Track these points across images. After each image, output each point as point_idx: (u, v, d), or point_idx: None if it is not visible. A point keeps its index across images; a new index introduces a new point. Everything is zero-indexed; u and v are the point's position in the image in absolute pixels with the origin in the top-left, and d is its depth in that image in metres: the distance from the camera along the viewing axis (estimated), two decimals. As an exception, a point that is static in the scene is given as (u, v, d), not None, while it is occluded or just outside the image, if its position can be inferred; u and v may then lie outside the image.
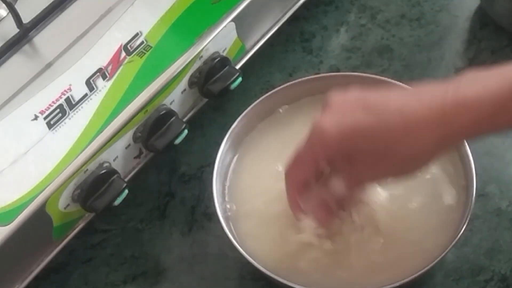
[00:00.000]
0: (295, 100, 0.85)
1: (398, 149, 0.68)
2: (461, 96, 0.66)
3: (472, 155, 0.78)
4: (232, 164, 0.82)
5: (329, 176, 0.73)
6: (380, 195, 0.78)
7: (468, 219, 0.74)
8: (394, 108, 0.68)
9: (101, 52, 0.81)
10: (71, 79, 0.79)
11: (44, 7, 0.84)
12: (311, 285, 0.74)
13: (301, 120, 0.84)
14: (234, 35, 0.86)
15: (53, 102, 0.78)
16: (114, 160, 0.79)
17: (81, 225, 0.80)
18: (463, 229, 0.74)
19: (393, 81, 0.84)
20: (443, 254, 0.73)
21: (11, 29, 0.82)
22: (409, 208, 0.78)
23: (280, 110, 0.85)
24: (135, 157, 0.83)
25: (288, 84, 0.85)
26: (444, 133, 0.67)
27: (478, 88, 0.66)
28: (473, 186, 0.76)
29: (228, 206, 0.80)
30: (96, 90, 0.79)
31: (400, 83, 0.82)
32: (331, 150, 0.70)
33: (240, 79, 0.86)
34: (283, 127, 0.84)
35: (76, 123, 0.77)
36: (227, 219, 0.78)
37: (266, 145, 0.84)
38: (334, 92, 0.72)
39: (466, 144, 0.78)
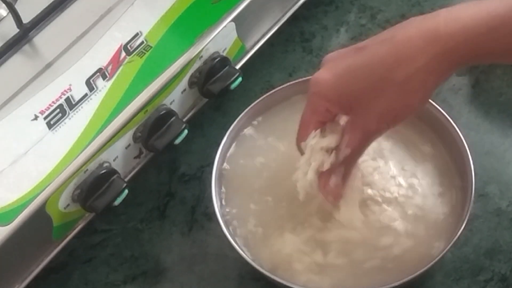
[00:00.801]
0: (295, 99, 0.85)
1: (393, 76, 0.66)
2: (453, 16, 0.65)
3: (472, 155, 0.77)
4: (232, 164, 0.82)
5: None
6: (380, 193, 0.78)
7: (467, 219, 0.74)
8: (385, 38, 0.67)
9: (101, 52, 0.81)
10: (71, 79, 0.79)
11: (44, 7, 0.84)
12: (310, 285, 0.74)
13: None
14: (234, 35, 0.86)
15: (53, 102, 0.78)
16: (114, 160, 0.80)
17: (81, 225, 0.80)
18: (462, 228, 0.74)
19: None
20: (443, 253, 0.73)
21: (11, 29, 0.82)
22: (409, 207, 0.78)
23: (282, 109, 0.85)
24: (135, 157, 0.83)
25: (288, 84, 0.85)
26: (438, 51, 0.65)
27: (472, 9, 0.65)
28: (472, 186, 0.76)
29: (227, 206, 0.80)
30: (96, 90, 0.79)
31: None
32: (330, 98, 0.69)
33: (240, 79, 0.86)
34: (283, 127, 0.84)
35: (76, 123, 0.77)
36: (226, 219, 0.78)
37: (266, 145, 0.84)
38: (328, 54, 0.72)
39: (466, 144, 0.78)
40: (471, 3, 0.66)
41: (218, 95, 0.85)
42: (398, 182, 0.79)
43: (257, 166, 0.82)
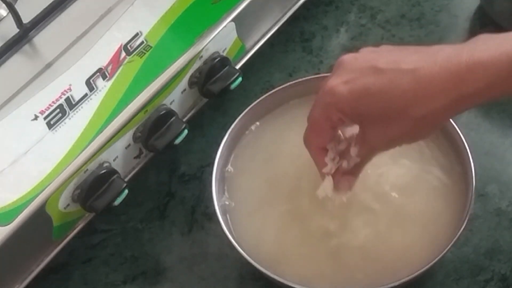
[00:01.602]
0: (294, 99, 0.85)
1: (410, 111, 0.67)
2: (476, 56, 0.65)
3: (472, 155, 0.77)
4: (232, 164, 0.82)
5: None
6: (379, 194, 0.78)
7: (467, 219, 0.74)
8: (406, 69, 0.67)
9: (101, 52, 0.81)
10: (71, 79, 0.79)
11: (44, 7, 0.84)
12: (310, 285, 0.74)
13: (301, 119, 0.84)
14: (234, 35, 0.86)
15: (53, 102, 0.78)
16: (114, 160, 0.79)
17: (81, 225, 0.80)
18: (462, 228, 0.74)
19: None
20: (443, 253, 0.73)
21: (11, 29, 0.82)
22: (408, 207, 0.78)
23: (282, 109, 0.85)
24: (135, 157, 0.83)
25: (288, 84, 0.85)
26: (459, 94, 0.65)
27: (493, 49, 0.65)
28: (472, 186, 0.76)
29: (227, 206, 0.80)
30: (96, 90, 0.79)
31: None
32: (346, 112, 0.69)
33: (240, 79, 0.86)
34: (283, 126, 0.84)
35: (76, 123, 0.77)
36: (226, 219, 0.78)
37: (266, 144, 0.84)
38: (345, 55, 0.71)
39: (466, 144, 0.78)
40: (490, 42, 0.67)
41: (218, 95, 0.85)
42: (398, 182, 0.79)
43: (258, 166, 0.82)
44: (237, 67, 0.87)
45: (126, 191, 0.79)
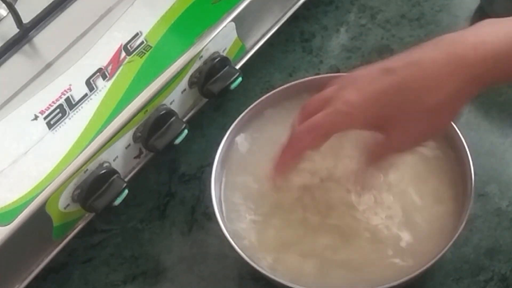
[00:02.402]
0: (295, 99, 0.85)
1: (424, 102, 0.66)
2: (481, 37, 0.65)
3: (472, 155, 0.77)
4: (232, 164, 0.82)
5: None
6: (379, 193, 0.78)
7: (466, 219, 0.74)
8: (411, 62, 0.67)
9: (101, 52, 0.81)
10: (71, 79, 0.79)
11: (44, 7, 0.84)
12: (310, 285, 0.74)
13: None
14: (234, 35, 0.86)
15: (53, 102, 0.78)
16: (114, 160, 0.80)
17: (81, 225, 0.80)
18: (461, 228, 0.74)
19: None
20: (442, 253, 0.73)
21: (11, 29, 0.82)
22: (408, 208, 0.78)
23: (282, 109, 0.85)
24: (135, 157, 0.83)
25: (288, 84, 0.85)
26: (468, 77, 0.65)
27: (499, 31, 0.65)
28: (472, 186, 0.76)
29: (227, 206, 0.80)
30: (96, 90, 0.79)
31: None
32: (359, 120, 0.69)
33: (240, 79, 0.86)
34: (283, 126, 0.84)
35: (76, 123, 0.77)
36: (226, 219, 0.78)
37: (266, 144, 0.84)
38: (355, 70, 0.71)
39: (466, 144, 0.78)
40: (495, 24, 0.67)
41: (218, 95, 0.85)
42: (398, 183, 0.79)
43: (259, 166, 0.82)
44: (237, 67, 0.87)
45: (126, 191, 0.79)
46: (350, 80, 0.70)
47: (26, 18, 0.83)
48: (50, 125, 0.77)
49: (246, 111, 0.83)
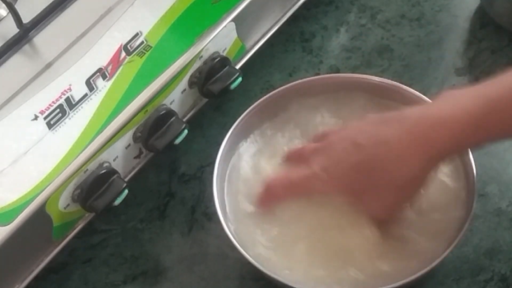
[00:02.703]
0: (295, 100, 0.85)
1: (391, 179, 0.72)
2: (438, 116, 0.70)
3: (472, 155, 0.77)
4: (232, 164, 0.82)
5: None
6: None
7: (470, 220, 0.74)
8: (381, 141, 0.72)
9: (101, 52, 0.81)
10: (71, 79, 0.79)
11: (44, 7, 0.84)
12: (310, 285, 0.74)
13: (301, 119, 0.84)
14: (234, 35, 0.86)
15: (53, 102, 0.78)
16: (114, 160, 0.79)
17: (81, 225, 0.80)
18: (464, 229, 0.74)
19: (394, 82, 0.84)
20: (444, 254, 0.73)
21: (11, 29, 0.82)
22: (409, 208, 0.78)
23: (282, 109, 0.85)
24: (135, 157, 0.83)
25: (288, 84, 0.85)
26: (427, 153, 0.70)
27: (453, 107, 0.70)
28: (473, 187, 0.76)
29: (228, 206, 0.80)
30: (96, 90, 0.79)
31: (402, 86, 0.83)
32: (333, 189, 0.74)
33: (240, 79, 0.86)
34: (283, 126, 0.84)
35: (76, 123, 0.77)
36: (227, 219, 0.78)
37: (266, 144, 0.84)
38: (329, 131, 0.77)
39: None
40: (451, 98, 0.71)
41: (218, 95, 0.85)
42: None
43: (259, 166, 0.82)
44: (237, 67, 0.87)
45: (126, 191, 0.79)
46: (325, 152, 0.75)
47: (26, 18, 0.83)
48: (50, 125, 0.77)
49: (246, 111, 0.83)
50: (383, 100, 0.83)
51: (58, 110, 0.77)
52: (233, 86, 0.85)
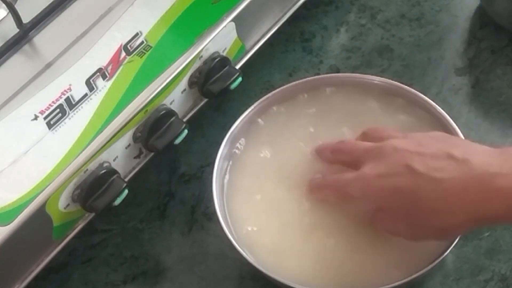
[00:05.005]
0: (295, 99, 0.85)
1: (432, 220, 0.69)
2: (502, 184, 0.66)
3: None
4: (232, 164, 0.82)
5: None
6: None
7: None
8: (436, 178, 0.69)
9: (101, 52, 0.81)
10: (71, 79, 0.79)
11: (44, 7, 0.84)
12: (310, 285, 0.74)
13: (302, 118, 0.84)
14: (234, 35, 0.86)
15: (53, 102, 0.78)
16: (114, 160, 0.79)
17: (81, 225, 0.80)
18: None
19: (393, 82, 0.84)
20: (444, 255, 0.73)
21: (11, 29, 0.82)
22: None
23: (281, 109, 0.85)
24: (135, 157, 0.83)
25: (288, 84, 0.85)
26: (477, 216, 0.68)
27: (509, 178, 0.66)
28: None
29: (227, 206, 0.80)
30: (96, 90, 0.79)
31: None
32: (368, 197, 0.73)
33: (240, 79, 0.86)
34: (284, 126, 0.84)
35: (76, 123, 0.77)
36: (226, 219, 0.78)
37: (266, 144, 0.84)
38: (388, 143, 0.73)
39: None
40: (505, 163, 0.68)
41: (218, 95, 0.85)
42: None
43: (260, 165, 0.82)
44: (237, 67, 0.87)
45: (126, 191, 0.79)
46: (379, 160, 0.73)
47: (26, 18, 0.83)
48: (50, 125, 0.77)
49: (246, 111, 0.83)
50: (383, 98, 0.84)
51: (58, 110, 0.77)
52: (233, 86, 0.85)
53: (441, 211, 0.69)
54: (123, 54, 0.81)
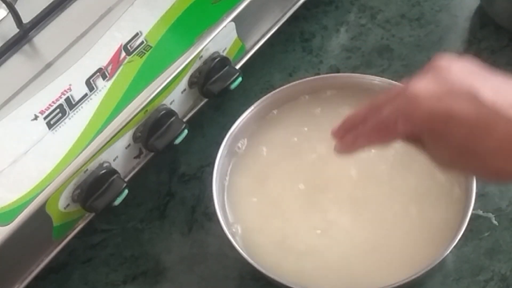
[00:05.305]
0: (295, 100, 0.85)
1: (490, 162, 0.59)
2: None
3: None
4: (232, 164, 0.82)
5: None
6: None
7: (469, 220, 0.74)
8: (507, 118, 0.58)
9: (101, 52, 0.81)
10: (71, 79, 0.79)
11: (44, 7, 0.84)
12: (311, 285, 0.74)
13: (302, 119, 0.84)
14: (234, 35, 0.86)
15: (53, 102, 0.78)
16: (114, 160, 0.79)
17: (81, 225, 0.80)
18: (463, 229, 0.74)
19: (393, 82, 0.84)
20: (444, 255, 0.73)
21: (11, 29, 0.82)
22: (410, 208, 0.78)
23: (282, 110, 0.85)
24: (135, 157, 0.83)
25: (288, 84, 0.85)
26: None
27: None
28: (473, 186, 0.76)
29: (227, 206, 0.80)
30: (96, 90, 0.79)
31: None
32: (414, 125, 0.61)
33: (240, 79, 0.86)
34: (284, 126, 0.84)
35: (76, 123, 0.77)
36: (226, 219, 0.78)
37: (266, 144, 0.84)
38: (443, 56, 0.63)
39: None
40: None
41: (218, 95, 0.85)
42: (398, 183, 0.79)
43: (260, 165, 0.82)
44: (237, 67, 0.87)
45: (126, 191, 0.79)
46: (432, 75, 0.62)
47: (26, 18, 0.83)
48: (50, 125, 0.77)
49: (246, 111, 0.83)
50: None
51: (58, 110, 0.77)
52: (233, 86, 0.85)
53: (506, 153, 0.58)
54: (123, 54, 0.81)
